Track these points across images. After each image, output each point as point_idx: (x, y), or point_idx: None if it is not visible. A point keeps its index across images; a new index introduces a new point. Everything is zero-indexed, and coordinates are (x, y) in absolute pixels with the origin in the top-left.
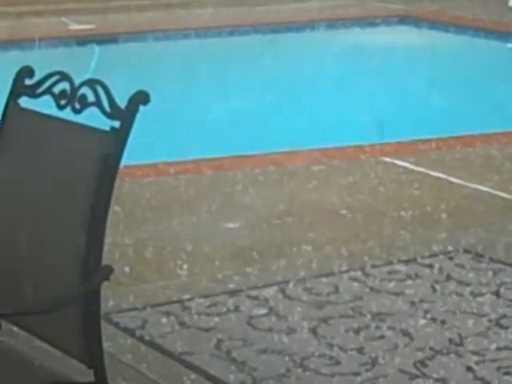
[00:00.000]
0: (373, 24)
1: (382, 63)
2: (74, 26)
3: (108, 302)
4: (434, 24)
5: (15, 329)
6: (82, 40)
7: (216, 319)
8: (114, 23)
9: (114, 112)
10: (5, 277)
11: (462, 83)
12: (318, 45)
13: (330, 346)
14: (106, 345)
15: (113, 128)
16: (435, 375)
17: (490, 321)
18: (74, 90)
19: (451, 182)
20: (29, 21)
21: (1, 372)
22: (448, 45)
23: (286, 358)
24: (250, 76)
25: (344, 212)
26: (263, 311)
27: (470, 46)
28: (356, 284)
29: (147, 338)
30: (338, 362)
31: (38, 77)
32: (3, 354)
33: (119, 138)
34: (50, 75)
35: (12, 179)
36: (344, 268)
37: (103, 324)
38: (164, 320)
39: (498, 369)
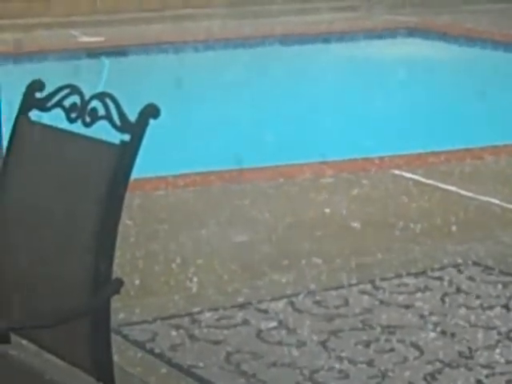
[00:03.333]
0: (382, 36)
1: (390, 75)
2: (83, 39)
3: (118, 315)
4: (443, 36)
5: (25, 342)
6: (92, 52)
7: (225, 332)
8: (123, 35)
9: (124, 125)
10: (14, 290)
11: (472, 95)
12: (326, 57)
13: (340, 359)
14: (115, 357)
15: (123, 141)
16: None
17: (500, 334)
18: (85, 103)
19: (461, 195)
20: (38, 33)
21: None
22: (458, 56)
23: (296, 372)
24: (258, 88)
25: (353, 225)
26: (273, 324)
27: (480, 58)
28: (366, 297)
29: (157, 350)
30: (348, 376)
31: (48, 90)
32: (13, 368)
33: (129, 151)
34: (61, 89)
35: (22, 192)
36: (354, 281)
37: (113, 337)
38: (174, 333)
39: (508, 382)
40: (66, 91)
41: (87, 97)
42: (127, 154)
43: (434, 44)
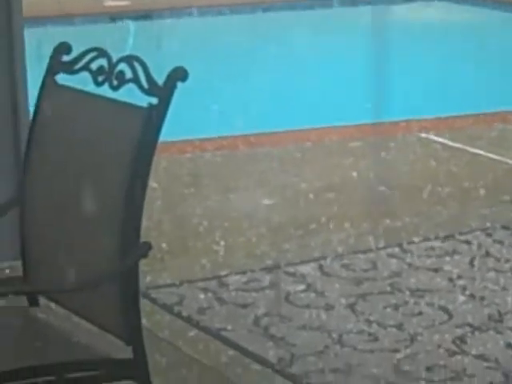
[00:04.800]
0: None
1: (418, 39)
2: (109, 3)
3: (145, 278)
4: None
5: (53, 305)
6: (117, 16)
7: (254, 295)
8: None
9: (151, 88)
10: (44, 253)
11: (500, 59)
12: (353, 21)
13: (369, 322)
14: (143, 321)
15: (151, 104)
16: (474, 352)
17: None
18: (112, 66)
19: (489, 158)
20: None
21: (39, 348)
22: (485, 20)
23: (325, 335)
24: (286, 52)
25: (381, 188)
26: (301, 287)
27: (508, 21)
28: (394, 260)
29: (185, 314)
30: (377, 339)
31: (74, 53)
32: (42, 331)
33: (157, 114)
34: (88, 52)
35: (51, 156)
36: (381, 244)
37: (141, 300)
38: (201, 296)
39: None
40: (93, 54)
41: (114, 60)
42: (155, 117)
43: (463, 8)
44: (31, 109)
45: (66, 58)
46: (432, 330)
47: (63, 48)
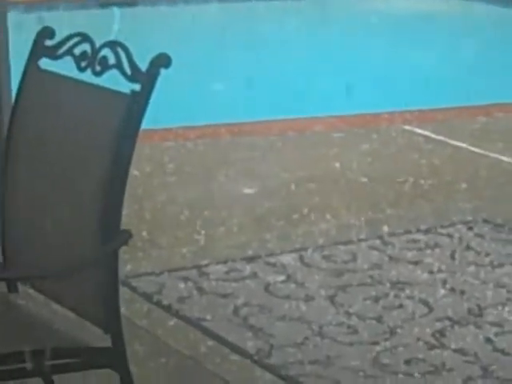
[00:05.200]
0: None
1: (404, 30)
2: None
3: (125, 267)
4: None
5: (32, 292)
6: (104, 2)
7: (234, 285)
8: None
9: (134, 75)
10: (23, 239)
11: (486, 52)
12: (341, 11)
13: (348, 314)
14: (122, 309)
15: (133, 91)
16: (454, 346)
17: (509, 292)
18: (95, 51)
19: (471, 151)
20: None
21: (18, 335)
22: (471, 12)
23: (304, 326)
24: (271, 39)
25: (363, 180)
26: (281, 278)
27: (489, 13)
28: (375, 252)
29: (164, 303)
30: (356, 331)
31: (58, 38)
32: (20, 317)
33: (139, 101)
34: (71, 36)
35: (33, 141)
36: (363, 236)
37: (120, 288)
38: (181, 285)
39: None
40: (76, 39)
41: (98, 45)
42: (137, 103)
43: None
44: (14, 94)
45: (49, 43)
46: (412, 323)
47: (46, 32)
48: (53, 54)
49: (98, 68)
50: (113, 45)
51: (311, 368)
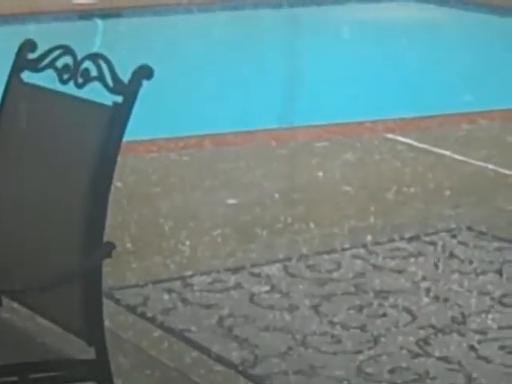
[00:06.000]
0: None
1: (385, 39)
2: (77, 1)
3: (109, 279)
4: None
5: (16, 305)
6: (85, 14)
7: (218, 296)
8: None
9: (116, 86)
10: (6, 253)
11: (466, 59)
12: (318, 21)
13: (332, 323)
14: (106, 322)
15: (115, 103)
16: (437, 354)
17: (492, 299)
18: (77, 64)
19: (455, 159)
20: None
21: (2, 349)
22: (453, 20)
23: (288, 336)
24: (256, 51)
25: (346, 189)
26: (265, 288)
27: (475, 21)
28: (358, 261)
29: (149, 314)
30: (340, 340)
31: (40, 51)
32: (4, 331)
33: (122, 113)
34: (53, 49)
35: (15, 154)
36: (346, 245)
37: (104, 301)
38: (166, 297)
39: (501, 348)
40: (58, 52)
41: (80, 58)
42: (120, 115)
43: (429, 7)
44: None
45: (31, 56)
46: (395, 331)
47: (29, 45)
48: (35, 66)
49: (80, 80)
50: (95, 57)
51: (295, 378)
